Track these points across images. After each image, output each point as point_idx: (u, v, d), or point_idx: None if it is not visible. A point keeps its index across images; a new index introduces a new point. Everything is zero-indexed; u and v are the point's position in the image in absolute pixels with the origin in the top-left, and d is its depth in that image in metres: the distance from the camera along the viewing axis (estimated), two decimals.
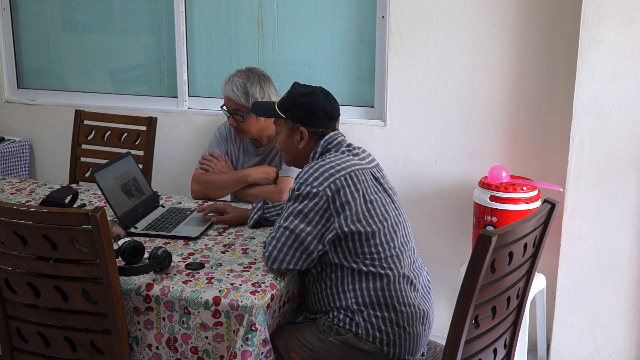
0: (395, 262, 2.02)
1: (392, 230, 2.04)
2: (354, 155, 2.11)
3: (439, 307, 3.05)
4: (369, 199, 2.02)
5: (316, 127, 2.15)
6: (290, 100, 2.19)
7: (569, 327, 2.92)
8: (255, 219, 2.42)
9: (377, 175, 2.12)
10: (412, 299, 2.03)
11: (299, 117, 2.15)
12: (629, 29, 2.62)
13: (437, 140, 3.13)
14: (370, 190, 2.03)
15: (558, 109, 2.92)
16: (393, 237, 2.04)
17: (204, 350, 1.92)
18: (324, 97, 2.17)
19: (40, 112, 3.81)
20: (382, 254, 2.01)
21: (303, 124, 2.15)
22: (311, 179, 1.99)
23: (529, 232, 1.73)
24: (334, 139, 2.14)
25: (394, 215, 2.08)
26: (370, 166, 2.12)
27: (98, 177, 2.37)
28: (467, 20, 2.99)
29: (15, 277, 1.92)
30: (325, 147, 2.13)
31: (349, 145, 2.15)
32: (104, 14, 3.72)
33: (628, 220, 2.77)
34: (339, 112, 2.21)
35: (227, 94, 2.77)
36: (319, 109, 2.14)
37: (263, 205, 2.44)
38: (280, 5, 3.35)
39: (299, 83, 2.25)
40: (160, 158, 3.38)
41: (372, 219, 2.00)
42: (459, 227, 3.15)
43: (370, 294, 1.99)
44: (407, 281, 2.03)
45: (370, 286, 1.99)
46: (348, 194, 1.98)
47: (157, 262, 1.99)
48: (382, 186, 2.10)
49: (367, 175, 2.06)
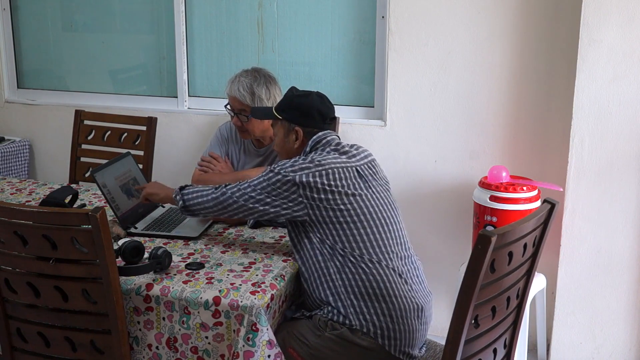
0: (384, 254, 2.06)
1: (379, 224, 2.08)
2: (341, 154, 2.15)
3: (439, 307, 3.05)
4: (350, 192, 2.07)
5: (311, 127, 2.22)
6: (286, 102, 2.27)
7: (569, 327, 2.92)
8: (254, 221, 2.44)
9: (366, 172, 2.16)
10: (403, 291, 2.05)
11: (294, 117, 2.23)
12: (629, 29, 2.62)
13: (437, 140, 3.13)
14: (351, 186, 2.08)
15: (558, 109, 2.92)
16: (380, 230, 2.08)
17: (204, 350, 1.93)
18: (319, 99, 2.25)
19: (40, 112, 3.81)
20: (367, 243, 2.05)
21: (298, 124, 2.22)
22: (287, 166, 2.09)
23: (528, 232, 1.73)
24: (322, 138, 2.20)
25: (383, 210, 2.12)
26: (359, 163, 2.16)
27: (98, 177, 2.37)
28: (467, 20, 2.99)
29: (15, 277, 1.92)
30: (312, 146, 2.20)
31: (337, 144, 2.20)
32: (104, 14, 3.72)
33: (628, 220, 2.77)
34: (334, 114, 2.29)
35: (233, 94, 2.76)
36: (314, 110, 2.22)
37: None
38: (280, 5, 3.35)
39: (296, 87, 2.33)
40: (160, 158, 3.38)
41: (355, 211, 2.05)
42: (459, 227, 3.15)
43: (358, 284, 2.03)
44: (396, 274, 2.05)
45: (357, 276, 2.03)
46: (320, 190, 2.04)
47: (157, 262, 1.99)
48: (368, 183, 2.13)
49: (349, 172, 2.10)
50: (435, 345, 2.20)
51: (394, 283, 2.04)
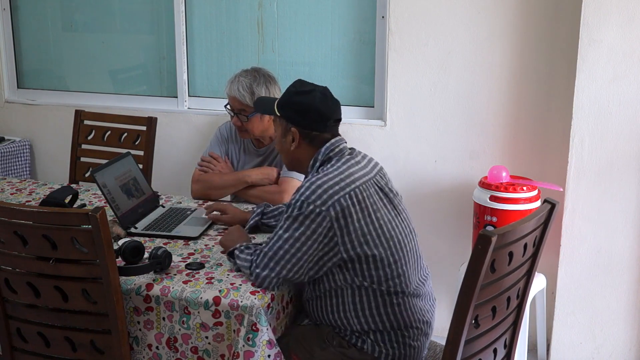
0: (402, 280, 1.94)
1: (399, 248, 1.94)
2: (356, 164, 1.99)
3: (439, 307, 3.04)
4: (375, 217, 1.91)
5: (308, 128, 2.01)
6: (285, 97, 2.07)
7: (569, 327, 2.92)
8: (252, 224, 2.37)
9: (381, 183, 2.02)
10: (420, 315, 1.99)
11: (291, 116, 2.03)
12: (629, 29, 2.62)
13: (437, 140, 3.13)
14: (376, 207, 1.93)
15: (558, 109, 2.92)
16: (400, 255, 1.94)
17: (204, 350, 1.92)
18: (321, 97, 2.02)
19: (40, 112, 3.81)
20: (389, 274, 1.91)
21: (295, 124, 2.02)
22: (314, 196, 1.86)
23: (529, 232, 1.73)
24: (335, 147, 2.01)
25: (401, 229, 1.98)
26: (373, 174, 2.01)
27: (98, 177, 2.37)
28: (467, 20, 2.99)
29: (15, 277, 1.92)
30: (327, 155, 2.00)
31: (351, 152, 2.04)
32: (104, 14, 3.72)
33: (628, 220, 2.77)
34: (337, 115, 2.06)
35: (233, 94, 2.76)
36: (312, 110, 2.00)
37: (263, 211, 2.38)
38: (280, 5, 3.35)
39: (301, 80, 2.12)
40: (160, 158, 3.38)
41: (379, 239, 1.91)
42: (459, 227, 3.15)
43: (375, 320, 1.92)
44: (414, 297, 1.98)
45: (377, 309, 1.92)
46: (353, 213, 1.87)
47: (157, 262, 1.99)
48: (387, 196, 2.00)
49: (371, 188, 1.95)
50: (435, 346, 2.20)
51: (414, 307, 1.96)
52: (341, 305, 1.95)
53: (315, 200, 1.86)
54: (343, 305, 1.95)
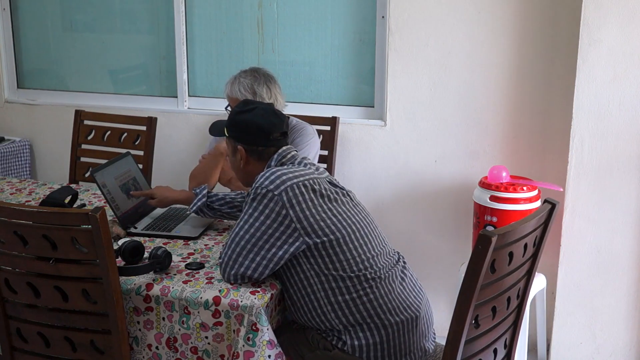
0: (371, 263, 1.96)
1: (362, 233, 1.99)
2: (309, 168, 2.06)
3: (439, 307, 3.05)
4: (332, 205, 1.97)
5: (253, 144, 2.09)
6: (230, 118, 2.16)
7: (569, 327, 2.92)
8: (199, 206, 2.33)
9: (334, 182, 2.10)
10: (399, 302, 1.97)
11: (236, 135, 2.12)
12: (629, 29, 2.62)
13: (437, 140, 3.13)
14: (332, 196, 1.99)
15: (558, 109, 2.92)
16: (365, 239, 1.99)
17: (204, 350, 1.92)
18: (262, 113, 2.10)
19: (40, 112, 3.82)
20: (356, 257, 1.95)
21: (240, 142, 2.11)
22: (267, 182, 1.94)
23: (529, 232, 1.73)
24: (287, 153, 2.10)
25: (361, 216, 2.03)
26: (325, 175, 2.08)
27: (98, 177, 2.37)
28: (467, 20, 2.99)
29: (15, 277, 1.92)
30: (279, 161, 2.08)
31: (301, 160, 2.10)
32: (104, 14, 3.72)
33: (628, 220, 2.77)
34: (280, 128, 2.11)
35: (234, 95, 2.75)
36: (253, 126, 2.08)
37: (207, 193, 2.36)
38: (280, 5, 3.35)
39: (246, 100, 2.23)
40: (160, 158, 3.38)
41: (340, 224, 1.95)
42: (459, 227, 3.15)
43: (352, 311, 1.93)
44: (388, 281, 1.98)
45: (352, 300, 1.93)
46: (308, 200, 1.93)
47: (157, 262, 1.99)
48: (342, 190, 2.06)
49: (323, 183, 2.02)
50: (436, 346, 2.20)
51: (387, 297, 1.95)
52: (315, 301, 1.96)
53: (269, 185, 1.93)
54: (318, 301, 1.96)
